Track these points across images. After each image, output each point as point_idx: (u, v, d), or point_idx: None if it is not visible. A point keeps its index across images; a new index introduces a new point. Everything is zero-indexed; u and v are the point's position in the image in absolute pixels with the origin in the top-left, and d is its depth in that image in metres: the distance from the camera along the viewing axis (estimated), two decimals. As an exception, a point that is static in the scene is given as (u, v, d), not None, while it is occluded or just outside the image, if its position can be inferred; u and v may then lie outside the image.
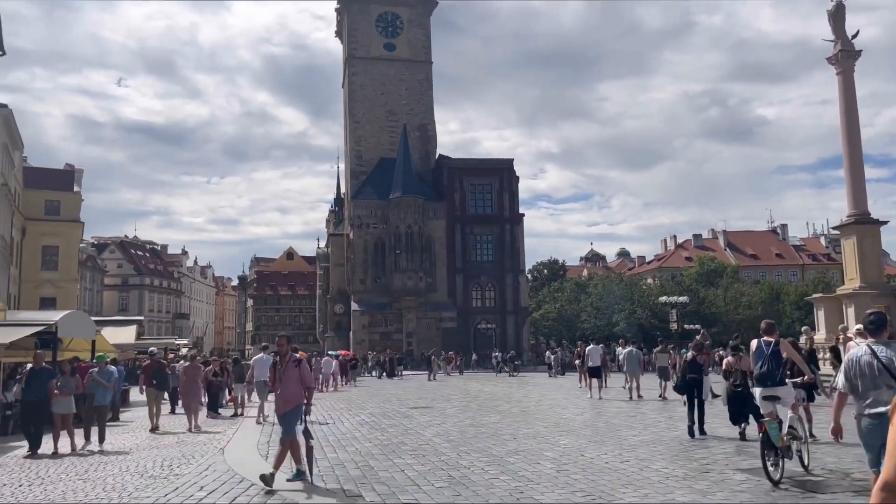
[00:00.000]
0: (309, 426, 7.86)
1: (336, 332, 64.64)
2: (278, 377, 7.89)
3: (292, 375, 7.84)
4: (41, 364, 11.02)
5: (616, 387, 22.00)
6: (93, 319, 22.15)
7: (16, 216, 44.13)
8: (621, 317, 65.39)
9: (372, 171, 64.11)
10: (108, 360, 12.33)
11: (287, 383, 7.81)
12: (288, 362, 7.94)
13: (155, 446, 11.32)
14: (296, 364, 7.95)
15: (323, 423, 14.36)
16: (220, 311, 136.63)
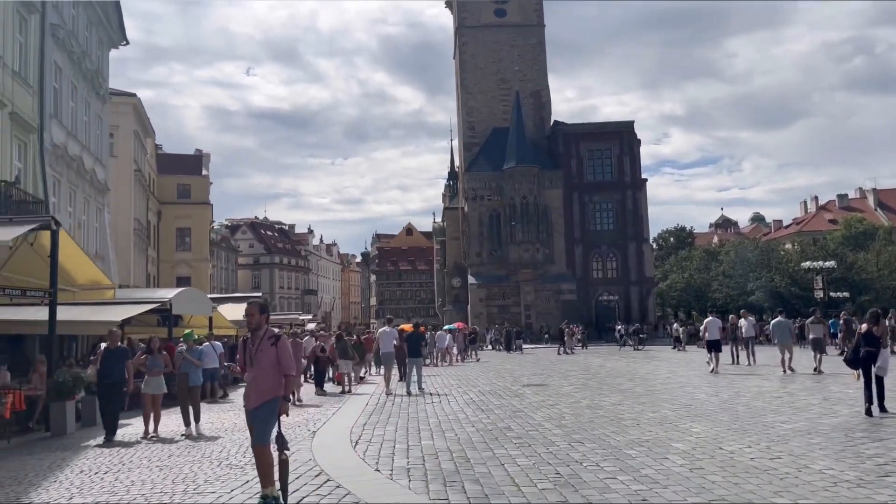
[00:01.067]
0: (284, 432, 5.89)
1: (454, 305, 64.39)
2: (248, 359, 5.93)
3: (267, 357, 5.81)
4: (117, 343, 10.52)
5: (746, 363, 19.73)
6: (209, 296, 22.53)
7: (151, 200, 46.71)
8: (757, 285, 60.75)
9: (485, 143, 62.82)
10: (199, 338, 11.79)
11: (261, 368, 5.81)
12: (262, 339, 5.90)
13: (250, 427, 10.83)
14: (272, 342, 5.89)
15: (428, 401, 13.50)
16: (346, 287, 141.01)
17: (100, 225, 30.03)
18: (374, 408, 12.46)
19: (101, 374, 10.22)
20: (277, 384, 5.82)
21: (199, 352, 11.41)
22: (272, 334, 5.93)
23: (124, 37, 33.12)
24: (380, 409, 12.33)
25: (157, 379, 10.67)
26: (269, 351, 5.82)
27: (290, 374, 5.89)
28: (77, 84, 26.76)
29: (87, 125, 28.40)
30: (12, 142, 20.25)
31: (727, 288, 64.74)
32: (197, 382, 11.16)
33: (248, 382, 6.04)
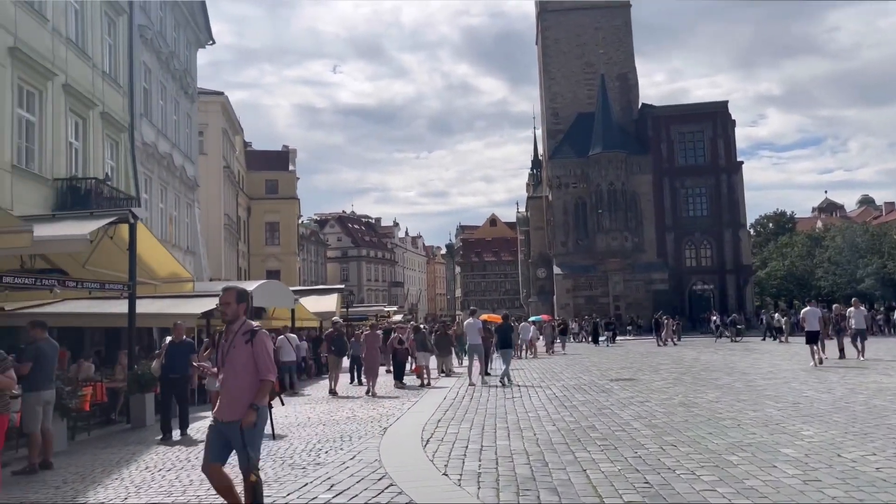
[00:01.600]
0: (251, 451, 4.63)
1: (539, 296, 63.32)
2: (220, 358, 4.84)
3: (241, 358, 4.69)
4: (181, 336, 10.16)
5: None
6: (291, 289, 22.67)
7: (240, 196, 48.08)
8: (867, 272, 56.63)
9: (569, 129, 61.27)
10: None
11: (233, 370, 4.70)
12: (236, 335, 4.75)
13: (323, 422, 10.52)
14: (247, 338, 4.72)
15: (508, 396, 12.85)
16: (432, 279, 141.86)
17: (190, 220, 30.93)
18: (451, 403, 11.94)
19: (165, 368, 9.84)
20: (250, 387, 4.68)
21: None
22: (248, 328, 4.77)
23: (210, 36, 33.99)
24: (457, 404, 11.80)
25: None
26: (242, 350, 4.66)
27: (266, 379, 4.69)
28: (166, 83, 27.56)
29: (177, 123, 29.24)
30: (104, 141, 20.94)
31: (833, 276, 60.72)
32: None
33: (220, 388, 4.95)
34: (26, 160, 16.55)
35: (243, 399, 4.62)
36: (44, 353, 7.42)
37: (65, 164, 18.31)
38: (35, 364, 7.28)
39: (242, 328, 4.77)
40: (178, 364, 9.76)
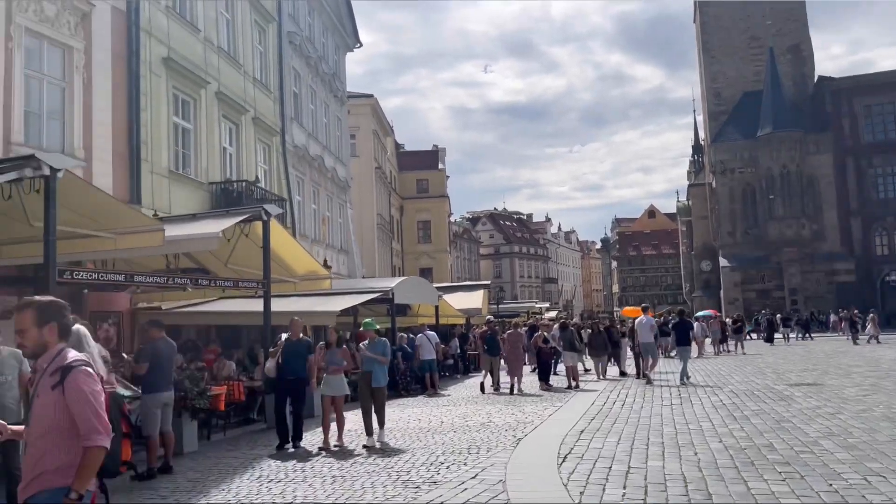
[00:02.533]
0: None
1: (704, 291, 59.18)
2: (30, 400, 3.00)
3: (46, 408, 2.85)
4: (299, 333, 9.13)
5: None
6: (435, 286, 22.28)
7: (393, 196, 49.04)
8: None
9: (733, 110, 56.65)
10: (378, 328, 9.70)
11: (36, 430, 2.89)
12: (42, 376, 2.91)
13: (455, 428, 9.72)
14: (56, 380, 2.85)
15: (665, 402, 11.38)
16: (587, 275, 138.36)
17: (343, 220, 31.68)
18: (599, 410, 10.71)
19: (280, 369, 8.88)
20: (66, 459, 2.81)
21: (383, 345, 9.32)
22: (59, 365, 2.88)
23: (358, 39, 34.69)
24: (605, 411, 10.55)
25: (337, 378, 8.99)
26: (48, 397, 2.84)
27: (92, 445, 2.78)
28: (315, 87, 28.32)
29: (327, 126, 30.02)
30: (256, 144, 21.70)
31: None
32: (381, 383, 9.18)
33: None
34: (183, 165, 17.35)
35: (45, 468, 2.82)
36: (161, 352, 7.25)
37: (219, 168, 19.06)
38: (152, 365, 7.11)
39: (52, 365, 2.90)
40: (294, 365, 8.89)
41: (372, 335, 9.41)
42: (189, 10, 18.01)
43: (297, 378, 8.95)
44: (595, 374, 16.70)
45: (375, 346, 9.26)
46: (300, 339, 9.22)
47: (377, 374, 9.16)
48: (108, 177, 14.48)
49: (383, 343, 9.47)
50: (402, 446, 8.45)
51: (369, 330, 9.45)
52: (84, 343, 4.80)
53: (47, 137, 13.17)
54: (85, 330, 4.82)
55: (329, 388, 8.96)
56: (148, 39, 15.86)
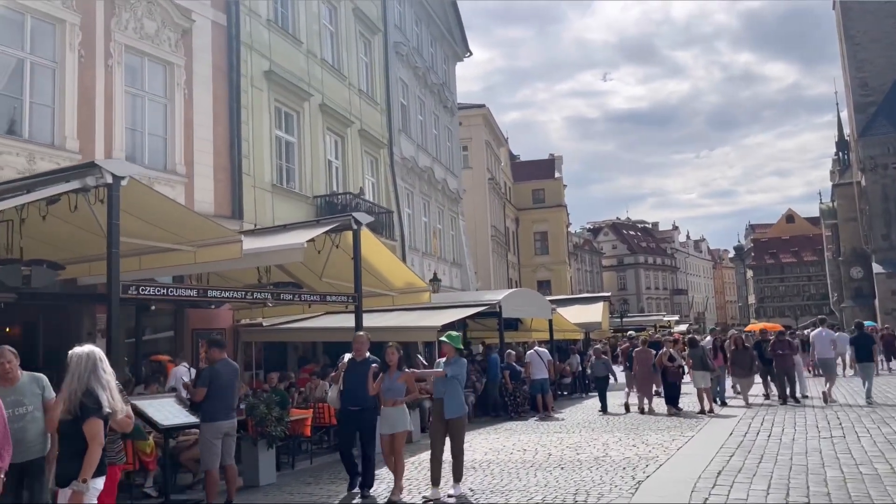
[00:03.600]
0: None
1: (855, 300, 53.57)
2: None
3: None
4: (365, 353, 7.23)
5: None
6: (549, 298, 20.89)
7: (508, 207, 47.94)
8: None
9: (883, 100, 51.26)
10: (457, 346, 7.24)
11: None
12: None
13: (562, 463, 8.33)
14: None
15: (824, 434, 9.44)
16: (719, 285, 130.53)
17: (455, 233, 30.95)
18: (740, 442, 9.00)
19: (344, 397, 7.20)
20: None
21: (460, 366, 7.20)
22: None
23: (467, 48, 34.02)
24: (748, 444, 8.83)
25: (395, 411, 7.01)
26: None
27: None
28: (424, 98, 27.83)
29: (437, 138, 29.44)
30: (363, 157, 21.32)
31: None
32: (457, 413, 6.96)
33: None
34: (286, 179, 17.11)
35: None
36: (220, 376, 6.48)
37: (324, 182, 18.75)
38: (211, 390, 6.34)
39: None
40: (359, 392, 7.05)
41: (450, 351, 7.25)
42: (291, 22, 17.87)
43: (364, 408, 7.14)
44: (743, 399, 14.05)
45: (451, 367, 7.17)
46: (366, 359, 7.30)
47: (451, 402, 7.01)
48: (210, 192, 14.38)
49: (460, 363, 7.32)
50: (494, 486, 7.21)
51: (450, 344, 7.26)
52: (99, 368, 4.03)
53: (149, 155, 13.17)
54: (100, 354, 4.04)
55: (386, 423, 7.07)
56: (249, 53, 15.75)
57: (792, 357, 14.29)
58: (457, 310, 14.05)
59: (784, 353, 14.14)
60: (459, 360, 7.34)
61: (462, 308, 14.21)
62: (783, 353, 14.14)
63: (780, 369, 14.17)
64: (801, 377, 14.97)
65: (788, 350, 14.31)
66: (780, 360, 14.20)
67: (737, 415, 12.01)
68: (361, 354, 7.36)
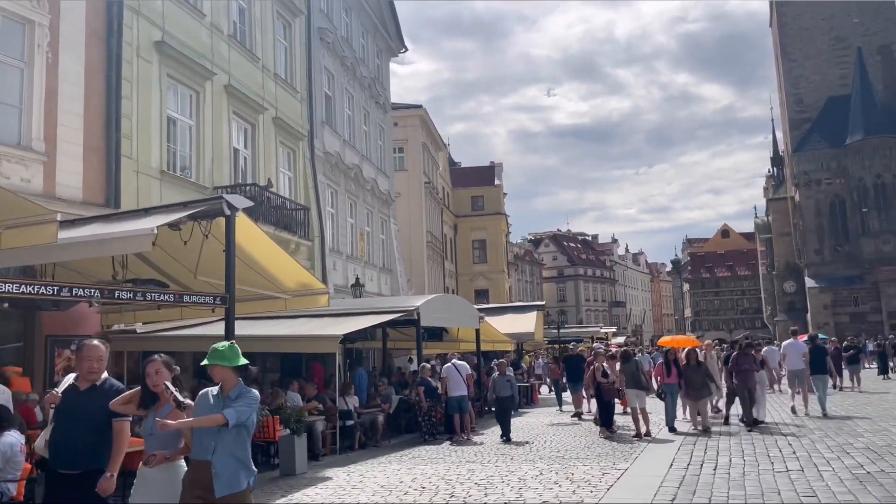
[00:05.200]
0: None
1: (787, 314, 53.99)
2: None
3: None
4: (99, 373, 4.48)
5: None
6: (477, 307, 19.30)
7: (446, 213, 46.39)
8: None
9: (818, 116, 51.98)
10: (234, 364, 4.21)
11: None
12: None
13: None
14: None
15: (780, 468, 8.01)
16: (657, 298, 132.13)
17: (386, 237, 29.14)
18: (681, 479, 7.49)
19: (52, 451, 4.46)
20: None
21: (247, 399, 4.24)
22: None
23: (403, 44, 32.40)
24: (690, 481, 7.33)
25: (162, 475, 4.25)
26: None
27: None
28: (352, 91, 26.00)
29: (367, 135, 27.64)
30: (278, 148, 19.35)
31: None
32: (233, 487, 4.10)
33: None
34: (179, 166, 15.05)
35: None
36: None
37: (228, 172, 16.75)
38: None
39: None
40: (71, 444, 4.38)
41: (229, 378, 4.29)
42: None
43: (86, 473, 4.31)
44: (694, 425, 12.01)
45: (234, 406, 4.15)
46: (96, 387, 4.55)
47: (224, 467, 4.13)
48: (78, 175, 12.19)
49: (248, 399, 4.24)
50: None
51: (225, 366, 4.28)
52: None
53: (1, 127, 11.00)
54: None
55: (144, 495, 4.31)
56: (135, 19, 13.67)
57: (754, 374, 12.50)
58: (366, 317, 12.25)
59: (747, 370, 12.35)
60: (248, 393, 4.28)
61: (373, 315, 12.42)
62: (747, 370, 12.35)
63: (743, 388, 12.30)
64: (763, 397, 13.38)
65: (752, 366, 12.49)
66: (743, 377, 12.33)
67: (675, 440, 10.56)
68: (90, 377, 4.53)
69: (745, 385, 12.21)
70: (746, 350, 12.84)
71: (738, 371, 12.40)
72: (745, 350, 12.81)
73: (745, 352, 12.72)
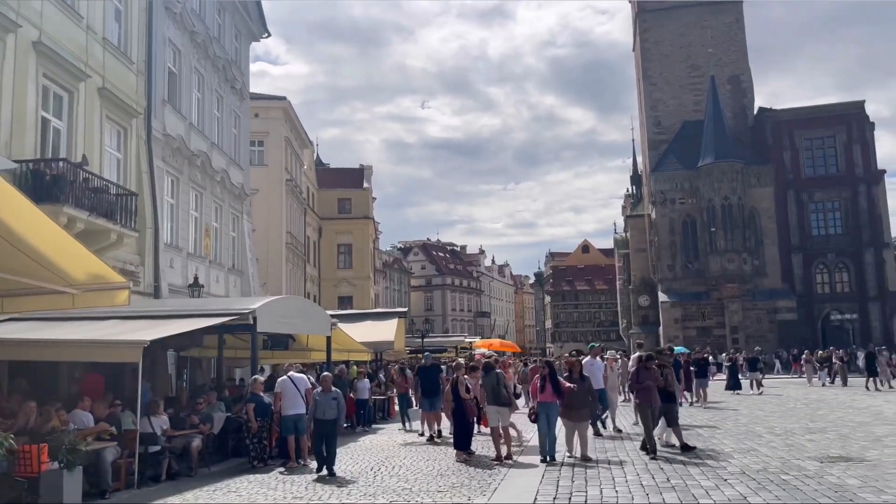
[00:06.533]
0: None
1: (641, 327, 56.08)
2: None
3: None
4: None
5: None
6: (331, 312, 17.53)
7: (309, 215, 44.01)
8: None
9: (674, 139, 54.43)
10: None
11: None
12: None
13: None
14: None
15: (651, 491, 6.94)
16: (520, 309, 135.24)
17: (238, 235, 26.57)
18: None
19: None
20: None
21: None
22: None
23: (265, 29, 30.04)
24: None
25: None
26: None
27: None
28: (203, 72, 23.42)
29: (220, 121, 25.06)
30: (103, 123, 16.64)
31: None
32: None
33: None
34: (-39, 132, 12.26)
35: None
36: None
37: (34, 144, 14.00)
38: None
39: None
40: None
41: None
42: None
43: None
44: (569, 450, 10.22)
45: None
46: None
47: None
48: None
49: None
50: None
51: None
52: None
53: None
54: None
55: None
56: None
57: (656, 392, 10.57)
58: (186, 320, 10.17)
59: (650, 386, 10.41)
60: None
61: (195, 318, 10.36)
62: (649, 387, 10.40)
63: (646, 407, 10.40)
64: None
65: (655, 381, 10.53)
66: (645, 395, 10.47)
67: (539, 466, 9.35)
68: None
69: (649, 403, 10.40)
70: (648, 364, 10.84)
71: (639, 388, 10.60)
72: (646, 364, 10.83)
73: (646, 365, 10.78)
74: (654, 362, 10.94)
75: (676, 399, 10.64)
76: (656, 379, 10.54)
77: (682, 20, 56.33)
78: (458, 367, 10.95)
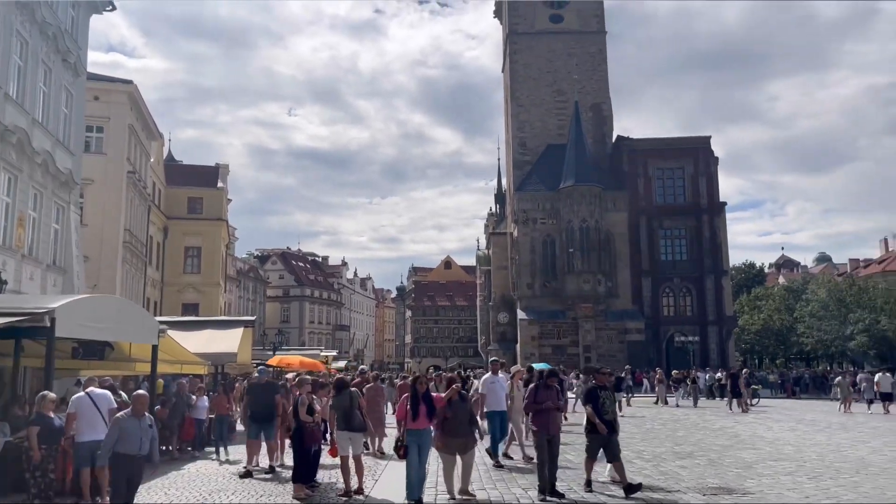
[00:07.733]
0: None
1: (500, 344, 56.38)
2: None
3: None
4: None
5: None
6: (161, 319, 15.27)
7: (154, 213, 40.20)
8: (858, 328, 51.77)
9: (538, 160, 55.53)
10: None
11: None
12: None
13: None
14: None
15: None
16: (381, 324, 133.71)
17: (63, 228, 23.21)
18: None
19: None
20: None
21: None
22: None
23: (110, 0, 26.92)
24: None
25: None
26: None
27: None
28: (28, 38, 20.21)
29: (46, 96, 21.80)
30: None
31: (819, 332, 55.68)
32: None
33: None
34: None
35: None
36: None
37: None
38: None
39: None
40: None
41: None
42: None
43: None
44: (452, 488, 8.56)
45: None
46: None
47: None
48: None
49: None
50: None
51: None
52: None
53: None
54: None
55: None
56: None
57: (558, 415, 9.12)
58: None
59: (550, 409, 8.79)
60: None
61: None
62: (549, 409, 8.78)
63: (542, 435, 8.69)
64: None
65: (555, 402, 8.96)
66: (542, 419, 8.76)
67: (398, 501, 7.97)
68: None
69: (546, 431, 8.64)
70: (550, 381, 9.12)
71: (535, 411, 8.83)
72: (547, 381, 9.12)
73: (547, 383, 9.07)
74: (556, 379, 9.27)
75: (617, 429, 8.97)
76: (555, 401, 8.97)
77: (550, 46, 57.83)
78: (300, 384, 9.25)
